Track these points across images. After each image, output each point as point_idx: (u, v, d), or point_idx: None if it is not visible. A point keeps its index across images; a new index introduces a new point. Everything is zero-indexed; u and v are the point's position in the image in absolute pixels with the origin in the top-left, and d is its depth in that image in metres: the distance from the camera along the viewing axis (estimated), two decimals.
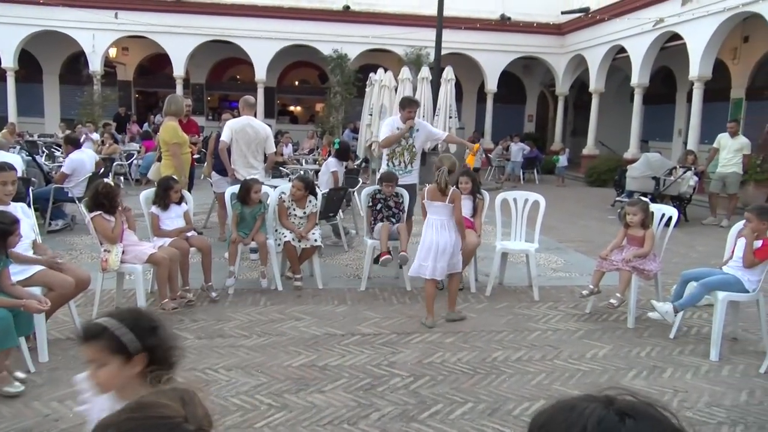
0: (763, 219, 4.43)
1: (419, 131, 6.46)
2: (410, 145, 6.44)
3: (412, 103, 6.44)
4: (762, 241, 4.42)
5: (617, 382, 3.92)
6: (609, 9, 17.06)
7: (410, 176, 6.45)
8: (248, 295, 5.53)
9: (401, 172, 6.34)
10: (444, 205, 4.87)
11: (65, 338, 4.31)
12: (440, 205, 4.88)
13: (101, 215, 4.70)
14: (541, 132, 24.66)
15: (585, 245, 8.41)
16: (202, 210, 8.91)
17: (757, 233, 4.43)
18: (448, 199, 4.84)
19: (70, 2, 18.02)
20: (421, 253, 4.93)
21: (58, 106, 21.98)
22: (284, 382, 3.76)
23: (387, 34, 19.23)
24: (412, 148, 6.45)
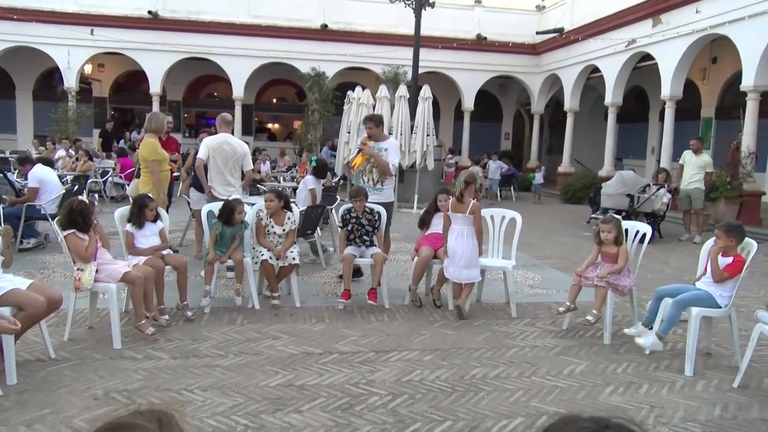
0: (731, 236, 4.52)
1: (387, 150, 6.43)
2: (375, 163, 6.42)
3: (367, 120, 6.55)
4: (732, 257, 4.50)
5: (594, 398, 3.94)
6: (583, 29, 17.41)
7: (381, 194, 6.42)
8: (224, 313, 5.46)
9: (371, 190, 6.33)
10: (464, 216, 5.48)
11: (35, 360, 4.22)
12: (461, 216, 5.49)
13: (75, 233, 4.62)
14: (518, 150, 24.97)
15: (561, 262, 8.48)
16: (178, 228, 8.82)
17: (725, 249, 4.52)
18: (468, 210, 5.45)
19: (44, 18, 17.86)
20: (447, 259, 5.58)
21: (31, 122, 21.67)
22: (261, 403, 3.71)
23: (364, 53, 19.38)
24: (376, 165, 6.43)
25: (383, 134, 6.60)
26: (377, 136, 6.52)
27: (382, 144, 6.49)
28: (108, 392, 3.76)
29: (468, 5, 20.84)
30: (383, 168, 6.41)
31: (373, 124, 6.48)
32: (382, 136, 6.59)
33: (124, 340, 4.59)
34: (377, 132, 6.49)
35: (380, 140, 6.54)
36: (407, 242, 9.25)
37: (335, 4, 19.77)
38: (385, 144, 6.48)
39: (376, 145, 6.45)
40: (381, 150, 6.39)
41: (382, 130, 6.61)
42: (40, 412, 3.47)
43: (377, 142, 6.49)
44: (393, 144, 6.65)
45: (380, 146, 6.45)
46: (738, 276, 4.48)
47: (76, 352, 4.40)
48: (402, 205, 13.83)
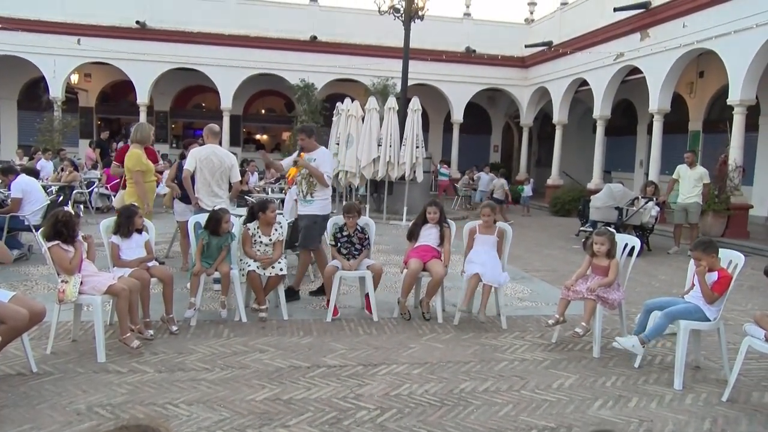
0: (710, 252, 4.53)
1: (317, 160, 6.37)
2: (307, 175, 6.35)
3: (298, 132, 6.54)
4: (717, 272, 4.51)
5: (583, 412, 3.92)
6: (571, 43, 17.59)
7: (312, 206, 6.35)
8: (210, 326, 5.39)
9: (301, 202, 6.39)
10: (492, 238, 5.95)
11: (16, 374, 4.13)
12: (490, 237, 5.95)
13: (59, 245, 4.55)
14: (507, 162, 25.10)
15: (550, 274, 8.48)
16: (164, 239, 8.74)
17: (711, 266, 4.54)
18: (496, 233, 5.97)
19: (31, 27, 17.78)
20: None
21: (15, 132, 21.50)
22: (247, 417, 3.65)
23: (354, 65, 19.45)
24: (309, 177, 6.35)
25: (314, 144, 6.46)
26: (309, 146, 6.41)
27: (311, 154, 6.37)
28: (91, 407, 3.69)
29: (457, 18, 21.01)
30: (318, 179, 6.32)
31: (305, 135, 6.41)
32: (313, 146, 6.45)
33: (109, 353, 4.51)
34: (309, 143, 6.40)
35: (312, 150, 6.42)
36: (396, 255, 9.22)
37: (325, 16, 19.85)
38: (315, 154, 6.39)
39: (307, 156, 6.37)
40: (311, 160, 6.32)
41: (314, 141, 6.49)
42: (20, 427, 3.39)
43: (309, 153, 6.39)
44: (323, 153, 6.53)
45: (310, 156, 6.35)
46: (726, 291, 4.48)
47: (59, 366, 4.31)
48: (391, 217, 13.82)
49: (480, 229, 6.00)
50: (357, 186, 14.18)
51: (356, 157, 13.40)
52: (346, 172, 13.65)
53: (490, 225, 5.98)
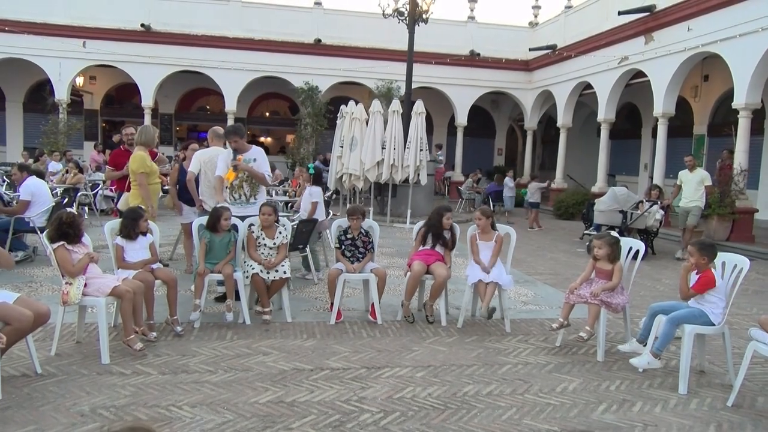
0: (703, 254, 4.53)
1: (256, 161, 6.20)
2: (247, 177, 6.19)
3: (229, 135, 6.19)
4: (700, 275, 4.52)
5: (587, 416, 3.90)
6: (575, 46, 17.58)
7: (253, 207, 6.16)
8: (214, 329, 5.39)
9: (243, 204, 6.18)
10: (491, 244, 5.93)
11: (20, 375, 4.14)
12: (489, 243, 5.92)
13: (64, 246, 4.56)
14: (511, 165, 25.06)
15: (554, 278, 8.47)
16: (167, 242, 8.75)
17: (697, 267, 4.54)
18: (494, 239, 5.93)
19: (36, 30, 17.86)
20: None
21: (21, 134, 21.59)
22: (250, 420, 3.65)
23: (358, 68, 19.47)
24: (251, 180, 6.20)
25: (246, 144, 6.23)
26: (243, 148, 6.17)
27: (248, 155, 6.17)
28: (95, 408, 3.69)
29: (461, 21, 21.02)
30: (261, 180, 6.22)
31: (237, 137, 6.14)
32: (246, 147, 6.22)
33: (112, 355, 4.52)
34: (242, 144, 6.16)
35: (246, 151, 6.20)
36: (399, 257, 9.21)
37: (329, 19, 19.88)
38: (252, 154, 6.20)
39: (245, 157, 6.14)
40: (250, 161, 6.13)
41: (246, 141, 6.28)
42: (23, 429, 3.40)
43: (244, 154, 6.17)
44: (259, 152, 6.31)
45: (248, 157, 6.14)
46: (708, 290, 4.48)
47: (63, 368, 4.32)
48: (395, 220, 13.81)
49: (479, 236, 5.99)
50: (361, 189, 14.18)
51: (360, 159, 13.41)
52: (350, 175, 13.66)
53: (487, 230, 5.96)
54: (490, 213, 6.08)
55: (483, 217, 5.97)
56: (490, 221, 5.98)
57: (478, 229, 5.99)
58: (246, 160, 6.10)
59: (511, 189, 15.82)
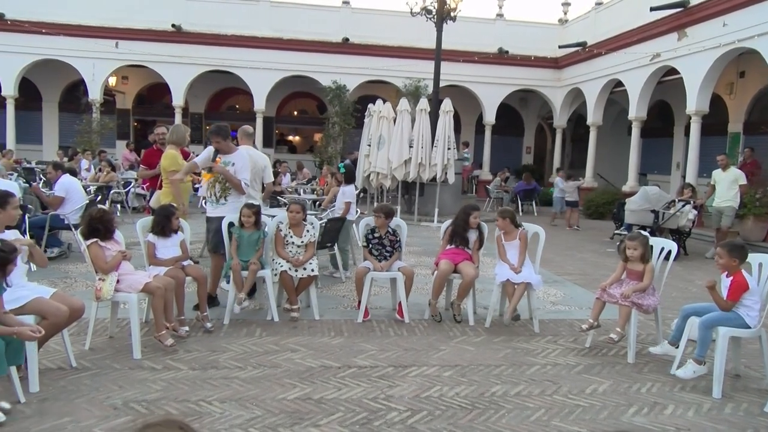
0: (733, 256, 4.42)
1: (235, 165, 5.94)
2: (223, 179, 5.97)
3: (213, 135, 5.98)
4: (731, 278, 4.40)
5: (617, 418, 3.85)
6: (606, 43, 17.32)
7: (225, 207, 5.97)
8: (243, 325, 5.45)
9: (212, 204, 6.02)
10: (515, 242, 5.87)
11: (56, 368, 4.24)
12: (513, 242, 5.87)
13: (97, 242, 4.66)
14: (539, 164, 24.83)
15: (583, 278, 8.36)
16: (198, 239, 8.86)
17: (726, 269, 4.43)
18: (517, 237, 5.86)
19: (71, 32, 18.24)
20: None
21: (56, 133, 22.07)
22: (279, 416, 3.68)
23: (385, 66, 19.47)
24: (224, 182, 5.97)
25: (231, 146, 6.03)
26: (226, 149, 5.97)
27: (229, 158, 5.95)
28: (127, 402, 3.76)
29: (490, 19, 20.87)
30: (236, 187, 5.94)
31: (220, 138, 5.92)
32: (230, 149, 6.01)
33: (144, 350, 4.60)
34: (226, 145, 5.95)
35: (229, 153, 5.98)
36: (427, 256, 9.19)
37: (357, 18, 19.92)
38: (233, 158, 5.96)
39: (224, 159, 5.94)
40: (228, 164, 5.90)
41: (229, 142, 6.03)
42: (59, 420, 3.48)
43: (225, 155, 5.96)
44: (241, 157, 6.05)
45: (227, 160, 5.93)
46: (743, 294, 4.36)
47: (97, 362, 4.41)
48: (422, 219, 13.79)
49: (503, 237, 5.95)
50: (388, 187, 14.18)
51: (387, 158, 13.42)
52: (378, 174, 13.67)
53: (509, 231, 5.91)
54: (508, 213, 6.01)
55: (500, 218, 5.93)
56: (508, 221, 5.91)
57: (500, 230, 5.95)
58: (225, 163, 5.88)
59: (561, 190, 15.56)
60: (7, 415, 3.43)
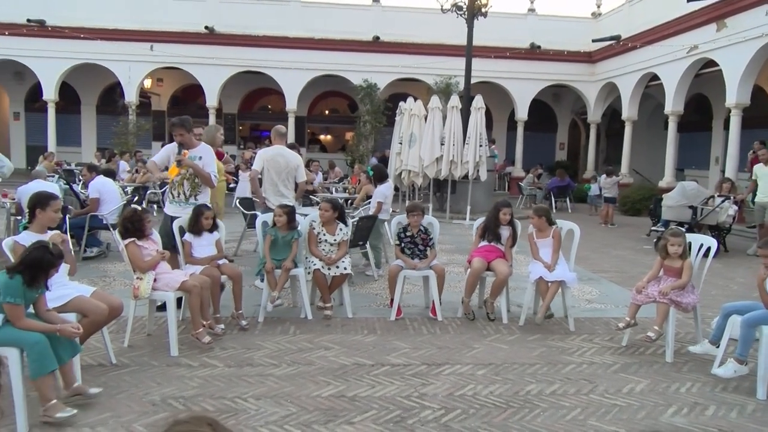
0: None
1: (202, 159, 5.66)
2: (191, 175, 5.64)
3: (176, 127, 5.62)
4: None
5: (656, 419, 3.77)
6: (641, 36, 16.98)
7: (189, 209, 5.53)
8: (277, 323, 5.51)
9: (183, 204, 5.63)
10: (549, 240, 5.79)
11: (97, 365, 4.34)
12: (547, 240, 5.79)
13: (134, 242, 4.76)
14: (573, 160, 24.48)
15: (619, 276, 8.22)
16: (233, 238, 8.99)
17: None
18: (551, 234, 5.79)
19: (108, 36, 18.66)
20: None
21: (94, 135, 22.60)
22: (313, 413, 3.70)
23: (416, 64, 19.42)
24: (194, 178, 5.64)
25: (194, 141, 5.74)
26: (189, 143, 5.66)
27: (194, 152, 5.64)
28: (165, 398, 3.84)
29: (521, 14, 20.67)
30: (206, 181, 5.65)
31: (184, 130, 5.60)
32: (193, 142, 5.72)
33: (181, 347, 4.68)
34: (189, 138, 5.65)
35: (192, 147, 5.67)
36: (459, 254, 9.15)
37: (387, 16, 19.92)
38: (198, 151, 5.68)
39: (190, 153, 5.60)
40: (196, 159, 5.60)
41: (193, 135, 5.74)
42: (101, 415, 3.57)
43: (190, 150, 5.63)
44: (207, 150, 5.78)
45: (194, 154, 5.61)
46: None
47: (135, 359, 4.51)
48: (454, 217, 13.74)
49: (536, 235, 5.87)
50: (420, 185, 14.16)
51: (419, 156, 13.39)
52: (409, 172, 13.65)
53: (543, 228, 5.83)
54: (543, 211, 5.94)
55: (535, 216, 5.86)
56: (543, 219, 5.84)
57: (534, 227, 5.88)
58: (191, 157, 5.57)
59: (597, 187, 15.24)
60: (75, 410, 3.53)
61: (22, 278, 3.40)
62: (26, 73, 20.38)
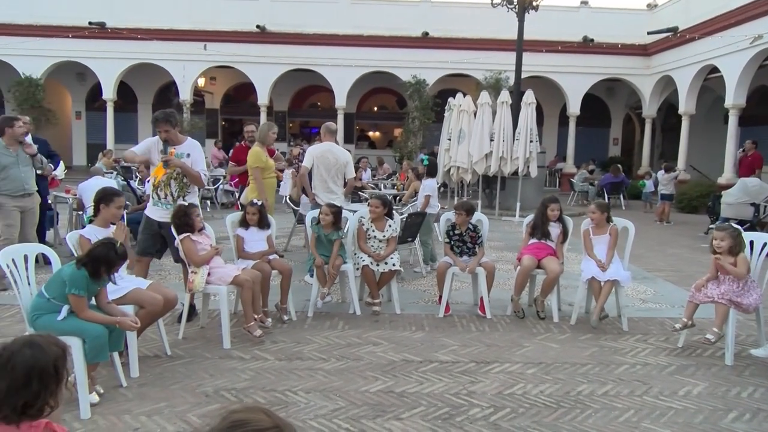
0: None
1: (191, 156, 5.24)
2: (178, 174, 5.16)
3: (159, 123, 5.15)
4: None
5: (714, 423, 3.65)
6: (700, 27, 16.39)
7: None
8: (326, 318, 5.57)
9: (170, 207, 5.10)
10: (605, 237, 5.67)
11: (153, 355, 4.48)
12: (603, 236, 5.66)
13: (189, 237, 4.88)
14: (627, 156, 23.86)
15: (675, 275, 7.98)
16: (282, 233, 9.12)
17: None
18: (608, 232, 5.66)
19: (163, 36, 19.20)
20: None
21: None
22: (361, 408, 3.73)
23: (465, 59, 19.27)
24: (182, 178, 5.18)
25: (180, 136, 5.32)
26: (176, 139, 5.25)
27: (182, 149, 5.23)
28: (218, 390, 3.93)
29: (573, 7, 20.25)
30: (195, 180, 5.22)
31: (169, 126, 5.14)
32: (179, 139, 5.29)
33: (233, 340, 4.78)
34: (175, 135, 5.23)
35: (179, 144, 5.27)
36: (508, 251, 9.05)
37: (436, 11, 19.83)
38: (186, 148, 5.26)
39: (177, 151, 5.19)
40: (183, 156, 5.18)
41: (178, 131, 5.32)
42: (157, 405, 3.68)
43: (177, 147, 5.23)
44: (195, 146, 5.36)
45: (181, 152, 5.20)
46: None
47: (189, 351, 4.63)
48: (504, 213, 13.58)
49: (593, 231, 5.75)
50: (468, 181, 14.05)
51: (468, 152, 13.28)
52: (458, 168, 13.56)
53: (601, 224, 5.70)
54: (605, 207, 5.82)
55: (597, 210, 5.73)
56: (605, 215, 5.72)
57: (593, 223, 5.75)
58: (178, 155, 5.16)
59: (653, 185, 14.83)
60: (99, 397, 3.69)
61: (86, 271, 3.54)
62: (87, 73, 21.17)
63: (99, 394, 3.70)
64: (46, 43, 18.94)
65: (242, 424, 1.15)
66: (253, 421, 1.16)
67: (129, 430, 3.38)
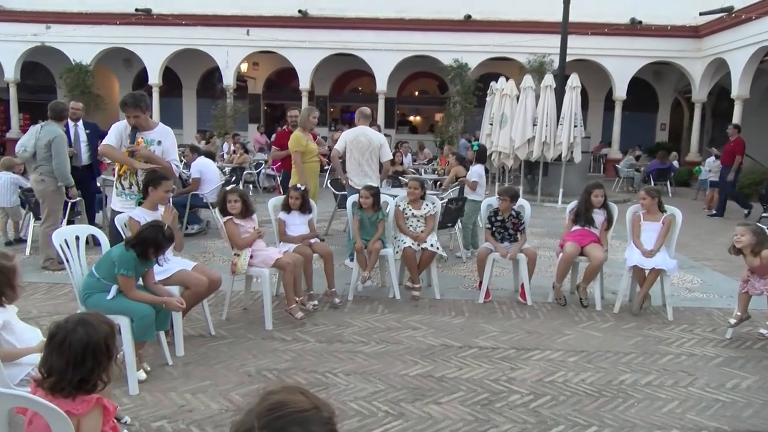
0: None
1: (162, 144, 4.84)
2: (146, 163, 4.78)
3: (127, 107, 4.69)
4: None
5: (765, 418, 3.55)
6: (756, 7, 15.70)
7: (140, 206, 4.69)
8: (366, 302, 5.61)
9: (133, 197, 4.71)
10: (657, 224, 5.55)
11: (197, 335, 4.60)
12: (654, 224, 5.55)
13: (232, 220, 4.97)
14: (675, 142, 23.15)
15: (724, 264, 7.73)
16: (323, 218, 9.19)
17: None
18: (662, 220, 5.55)
19: (207, 22, 19.42)
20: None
21: (194, 118, 23.69)
22: (401, 391, 3.76)
23: (508, 42, 18.93)
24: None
25: (151, 121, 4.90)
26: (146, 125, 4.82)
27: (151, 135, 4.81)
28: (260, 370, 4.01)
29: None
30: (167, 172, 4.72)
31: (138, 111, 4.69)
32: (150, 124, 4.87)
33: (275, 322, 4.87)
34: (145, 120, 4.79)
35: (149, 130, 4.83)
36: (550, 238, 8.93)
37: None
38: (156, 134, 4.83)
39: (147, 138, 4.80)
40: (152, 143, 4.78)
41: (149, 117, 4.88)
42: (201, 383, 3.78)
43: (146, 133, 4.81)
44: (166, 132, 4.92)
45: (150, 138, 4.79)
46: None
47: (232, 331, 4.73)
48: (545, 199, 13.39)
49: (644, 216, 5.61)
50: (510, 167, 13.87)
51: (510, 137, 13.10)
52: (500, 153, 13.40)
53: (653, 211, 5.57)
54: (657, 192, 5.69)
55: (648, 196, 5.59)
56: (657, 201, 5.58)
57: (643, 209, 5.62)
58: (147, 141, 4.78)
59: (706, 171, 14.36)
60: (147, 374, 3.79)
61: (135, 252, 3.64)
62: (134, 59, 21.59)
63: (146, 372, 3.81)
64: (95, 30, 19.40)
65: (281, 406, 1.16)
66: (292, 402, 1.17)
67: (174, 406, 3.48)
